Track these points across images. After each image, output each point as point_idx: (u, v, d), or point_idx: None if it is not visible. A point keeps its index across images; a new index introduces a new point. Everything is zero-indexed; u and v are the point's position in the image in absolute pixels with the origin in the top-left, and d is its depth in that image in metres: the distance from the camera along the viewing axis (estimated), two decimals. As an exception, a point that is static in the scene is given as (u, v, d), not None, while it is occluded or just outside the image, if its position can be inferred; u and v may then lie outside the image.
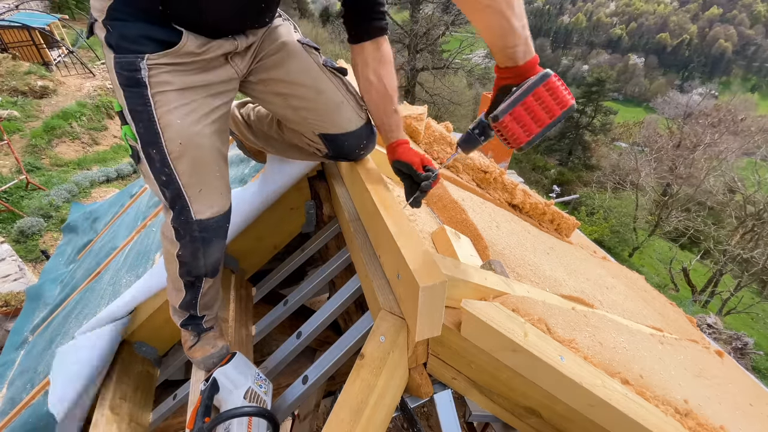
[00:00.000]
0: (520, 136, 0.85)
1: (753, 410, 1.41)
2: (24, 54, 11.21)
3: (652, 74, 63.51)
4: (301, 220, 1.66)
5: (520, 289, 1.11)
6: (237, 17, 0.94)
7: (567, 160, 31.65)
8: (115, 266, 2.01)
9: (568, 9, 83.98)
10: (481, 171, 1.99)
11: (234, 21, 0.95)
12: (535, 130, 0.84)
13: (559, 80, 0.82)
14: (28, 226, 6.59)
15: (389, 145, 1.16)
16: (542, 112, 0.83)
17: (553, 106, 0.82)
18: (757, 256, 14.74)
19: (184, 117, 0.91)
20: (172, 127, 0.90)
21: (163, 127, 0.90)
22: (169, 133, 0.90)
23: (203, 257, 1.07)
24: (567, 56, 69.86)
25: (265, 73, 1.09)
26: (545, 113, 0.83)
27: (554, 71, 0.83)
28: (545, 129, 0.84)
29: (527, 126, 0.84)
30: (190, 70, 0.92)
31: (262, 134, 1.37)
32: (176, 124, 0.90)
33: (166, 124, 0.90)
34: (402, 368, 0.99)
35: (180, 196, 0.97)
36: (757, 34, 68.24)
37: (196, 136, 0.94)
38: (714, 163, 19.37)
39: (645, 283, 2.51)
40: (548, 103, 0.82)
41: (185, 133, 0.92)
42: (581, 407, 0.90)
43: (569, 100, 0.82)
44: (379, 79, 1.12)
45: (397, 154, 1.13)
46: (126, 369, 1.51)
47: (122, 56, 0.85)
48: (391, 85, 1.14)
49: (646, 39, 72.31)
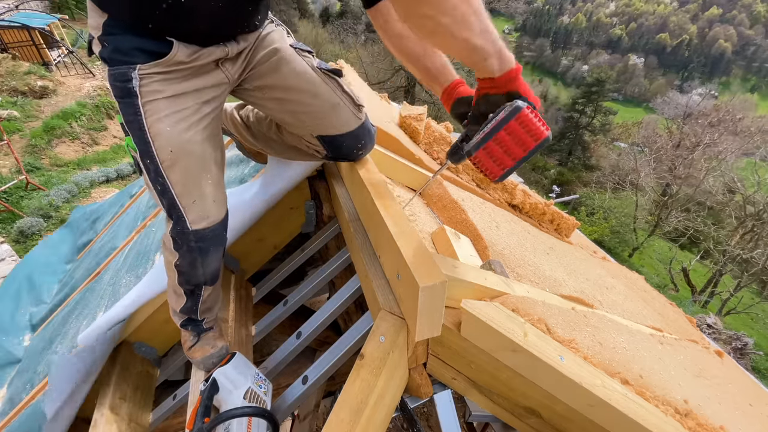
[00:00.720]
0: (494, 170, 0.85)
1: (753, 410, 1.41)
2: (24, 54, 11.21)
3: (652, 74, 63.58)
4: (301, 220, 1.66)
5: (520, 289, 1.11)
6: (227, 22, 0.93)
7: (567, 160, 31.68)
8: (115, 266, 2.01)
9: (568, 9, 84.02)
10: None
11: (224, 27, 0.94)
12: (509, 163, 0.83)
13: (532, 112, 0.80)
14: (28, 226, 6.58)
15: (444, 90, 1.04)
16: (515, 146, 0.81)
17: (527, 139, 0.80)
18: (757, 256, 14.75)
19: (174, 125, 0.92)
20: (162, 136, 0.90)
21: (153, 136, 0.90)
22: (160, 142, 0.91)
23: (201, 266, 1.07)
24: (567, 56, 69.84)
25: (260, 80, 1.09)
26: (519, 147, 0.81)
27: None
28: (520, 162, 0.82)
29: (500, 160, 0.83)
30: (179, 78, 0.92)
31: (261, 136, 1.38)
32: (166, 132, 0.91)
33: (156, 133, 0.90)
34: (402, 368, 0.99)
35: (175, 206, 0.97)
36: (756, 35, 68.30)
37: (187, 143, 0.94)
38: (713, 163, 19.38)
39: (645, 283, 2.51)
40: (521, 137, 0.80)
41: (176, 140, 0.92)
42: (581, 407, 0.90)
43: (544, 132, 0.80)
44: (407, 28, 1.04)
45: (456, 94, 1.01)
46: (126, 369, 1.51)
47: (115, 68, 0.86)
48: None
49: (646, 39, 72.36)
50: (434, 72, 1.05)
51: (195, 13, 0.86)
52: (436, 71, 1.05)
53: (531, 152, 0.81)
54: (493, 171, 0.85)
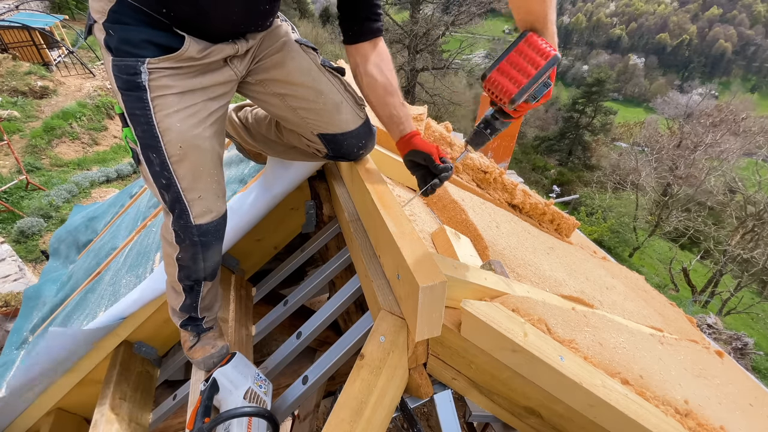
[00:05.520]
0: (509, 88, 0.89)
1: (753, 410, 1.41)
2: (24, 54, 11.20)
3: (652, 74, 63.53)
4: (301, 220, 1.66)
5: (520, 289, 1.11)
6: (242, 21, 0.94)
7: (567, 160, 31.66)
8: (115, 266, 2.00)
9: (568, 9, 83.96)
10: (481, 171, 1.99)
11: (238, 24, 0.95)
12: (523, 80, 0.88)
13: (540, 38, 0.87)
14: (28, 226, 6.59)
15: (402, 138, 1.13)
16: (527, 64, 0.88)
17: (536, 58, 0.87)
18: (757, 256, 14.73)
19: (184, 120, 0.92)
20: (171, 131, 0.90)
21: (162, 131, 0.90)
22: (169, 137, 0.90)
23: (203, 261, 1.08)
24: (567, 56, 69.81)
25: (265, 74, 1.09)
26: (530, 65, 0.87)
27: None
28: (533, 79, 0.87)
29: (514, 78, 0.89)
30: (190, 74, 0.92)
31: (260, 137, 1.37)
32: (176, 128, 0.91)
33: (165, 128, 0.90)
34: (402, 368, 0.99)
35: (179, 200, 0.97)
36: (757, 35, 68.26)
37: (196, 139, 0.94)
38: (714, 163, 19.36)
39: (645, 283, 2.51)
40: (531, 56, 0.87)
41: (185, 136, 0.92)
42: (581, 407, 0.90)
43: (551, 51, 0.86)
44: (382, 73, 1.11)
45: (412, 145, 1.10)
46: (126, 369, 1.51)
47: (121, 59, 0.85)
48: (394, 78, 1.14)
49: (646, 39, 72.33)
50: (396, 120, 1.13)
51: (211, 5, 0.85)
52: (398, 119, 1.13)
53: (542, 69, 0.87)
54: (509, 89, 0.89)
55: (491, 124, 0.99)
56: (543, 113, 35.49)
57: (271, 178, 1.45)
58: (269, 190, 1.44)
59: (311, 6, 40.43)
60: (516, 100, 0.89)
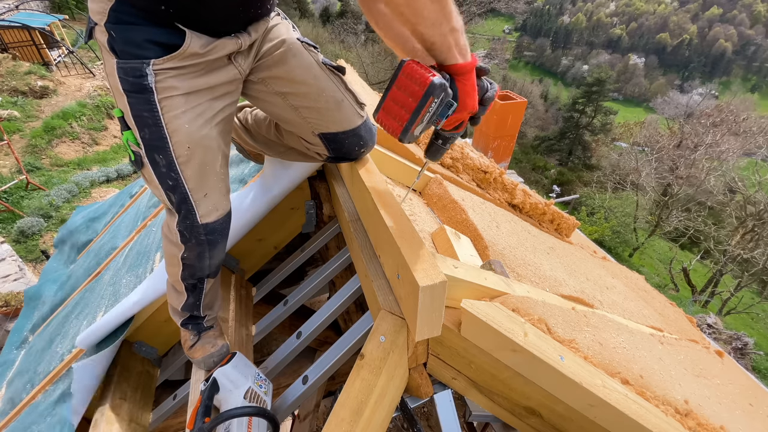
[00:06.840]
0: (394, 126, 0.86)
1: (753, 410, 1.41)
2: (24, 54, 11.21)
3: (652, 74, 63.48)
4: (301, 220, 1.66)
5: (520, 289, 1.11)
6: (242, 1, 0.92)
7: (567, 160, 31.66)
8: (115, 266, 2.00)
9: (568, 9, 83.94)
10: (481, 171, 1.99)
11: (238, 6, 0.92)
12: (405, 116, 0.84)
13: (417, 64, 0.82)
14: (28, 226, 6.60)
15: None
16: (407, 96, 0.83)
17: (415, 89, 0.81)
18: (758, 256, 14.72)
19: (192, 121, 0.92)
20: (180, 132, 0.90)
21: (171, 133, 0.90)
22: (177, 138, 0.90)
23: (208, 258, 1.08)
24: (567, 56, 69.77)
25: (267, 71, 1.09)
26: (410, 97, 0.83)
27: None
28: (414, 113, 0.83)
29: (397, 115, 0.85)
30: (195, 73, 0.92)
31: (261, 138, 1.37)
32: (185, 129, 0.91)
33: (174, 129, 0.90)
34: (402, 368, 0.99)
35: (186, 200, 0.97)
36: (757, 34, 68.24)
37: (204, 139, 0.94)
38: (715, 163, 19.35)
39: (645, 283, 2.51)
40: (410, 87, 0.82)
41: (193, 137, 0.92)
42: (581, 407, 0.90)
43: (428, 77, 0.79)
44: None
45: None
46: (126, 369, 1.51)
47: (126, 62, 0.84)
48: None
49: (646, 39, 72.29)
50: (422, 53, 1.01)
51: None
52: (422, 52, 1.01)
53: (422, 100, 0.81)
54: (394, 127, 0.86)
55: (441, 135, 0.98)
56: (543, 113, 35.47)
57: (270, 178, 1.45)
58: (269, 189, 1.44)
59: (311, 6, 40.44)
60: (404, 139, 0.86)
